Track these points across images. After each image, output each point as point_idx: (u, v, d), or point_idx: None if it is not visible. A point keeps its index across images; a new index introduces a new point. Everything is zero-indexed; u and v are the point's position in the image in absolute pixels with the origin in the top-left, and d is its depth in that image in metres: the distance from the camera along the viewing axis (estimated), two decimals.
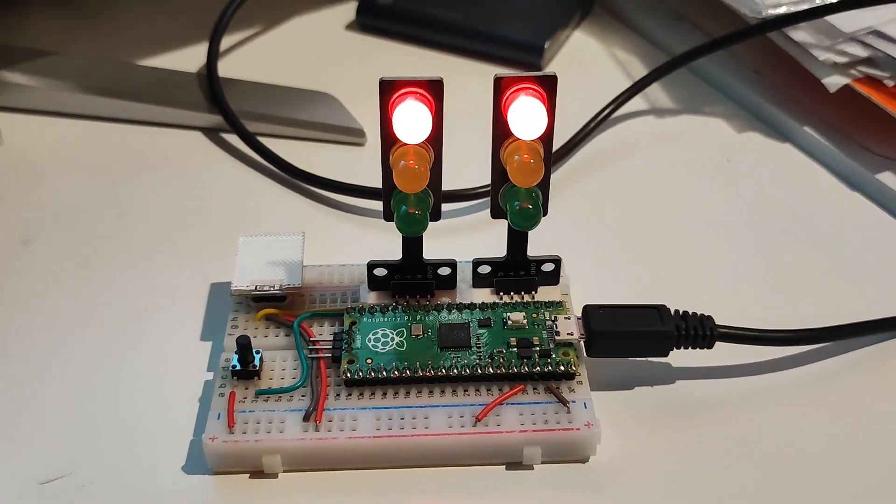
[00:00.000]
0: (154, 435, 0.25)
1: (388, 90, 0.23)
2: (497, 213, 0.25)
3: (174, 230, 0.31)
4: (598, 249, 0.30)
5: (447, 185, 0.25)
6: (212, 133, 0.35)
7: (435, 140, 0.24)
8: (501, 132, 0.24)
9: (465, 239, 0.30)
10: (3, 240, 0.30)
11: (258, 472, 0.24)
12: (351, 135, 0.34)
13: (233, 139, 0.34)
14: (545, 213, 0.25)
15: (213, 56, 0.36)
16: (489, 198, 0.30)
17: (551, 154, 0.24)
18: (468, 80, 0.31)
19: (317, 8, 0.41)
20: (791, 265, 0.30)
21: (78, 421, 0.25)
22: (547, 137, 0.24)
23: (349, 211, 0.32)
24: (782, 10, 0.33)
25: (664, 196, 0.32)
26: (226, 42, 0.38)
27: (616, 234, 0.31)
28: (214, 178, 0.33)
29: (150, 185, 0.32)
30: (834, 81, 0.33)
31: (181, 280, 0.29)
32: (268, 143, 0.34)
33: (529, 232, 0.26)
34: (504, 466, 0.24)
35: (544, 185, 0.24)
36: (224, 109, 0.34)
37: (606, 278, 0.29)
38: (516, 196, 0.24)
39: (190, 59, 0.38)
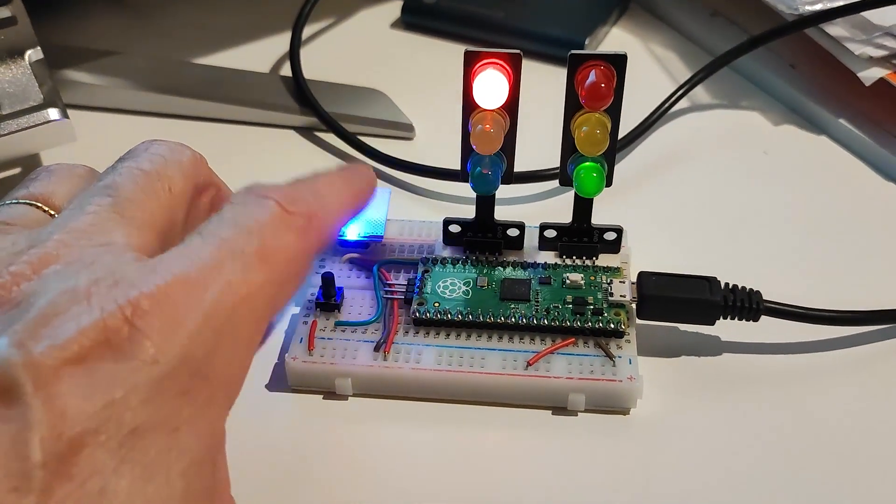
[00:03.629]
0: None
1: (471, 60, 0.25)
2: (564, 181, 0.27)
3: None
4: (658, 228, 0.32)
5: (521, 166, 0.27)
6: (277, 128, 0.36)
7: (510, 108, 0.26)
8: (573, 105, 0.26)
9: (533, 210, 0.33)
10: None
11: (330, 394, 0.27)
12: (401, 129, 0.36)
13: (290, 134, 0.36)
14: (609, 185, 0.27)
15: (296, 52, 0.38)
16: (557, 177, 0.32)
17: (618, 129, 0.26)
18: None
19: (363, 7, 0.43)
20: (830, 251, 0.31)
21: None
22: (614, 112, 0.26)
23: (424, 195, 0.33)
24: (818, 6, 0.34)
25: (710, 185, 0.34)
26: (275, 41, 0.41)
27: (671, 216, 0.32)
28: (291, 170, 0.34)
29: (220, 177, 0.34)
30: (870, 75, 0.33)
31: None
32: (324, 136, 0.36)
33: (594, 205, 0.28)
34: (550, 411, 0.26)
35: (610, 158, 0.26)
36: (313, 106, 0.36)
37: (665, 253, 0.30)
38: (581, 165, 0.26)
39: (248, 56, 0.40)
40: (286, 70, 0.39)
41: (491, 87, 0.25)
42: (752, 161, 0.35)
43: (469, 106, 0.26)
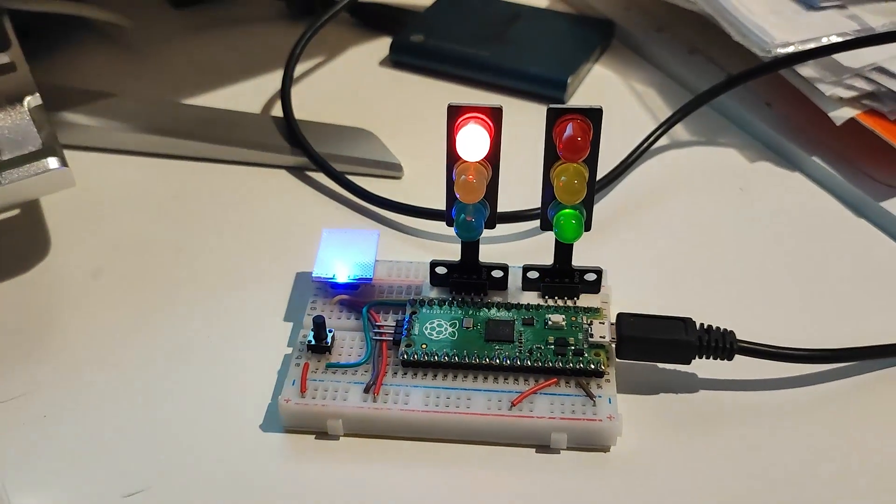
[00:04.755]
0: (238, 398, 0.29)
1: (454, 114, 0.27)
2: (545, 226, 0.29)
3: (248, 250, 0.34)
4: (637, 266, 0.33)
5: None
6: (268, 168, 0.37)
7: (493, 158, 0.27)
8: (552, 155, 0.27)
9: (518, 249, 0.34)
10: (75, 274, 0.33)
11: (322, 434, 0.28)
12: (389, 169, 0.37)
13: (281, 174, 0.37)
14: (588, 230, 0.28)
15: (287, 93, 0.39)
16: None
17: (595, 178, 0.27)
18: None
19: (351, 46, 0.44)
20: (803, 288, 0.32)
21: (173, 403, 0.29)
22: (591, 162, 0.27)
23: (413, 234, 0.34)
24: (790, 49, 0.35)
25: (687, 223, 0.35)
26: (265, 79, 0.42)
27: (650, 254, 0.33)
28: (282, 209, 0.36)
29: (213, 216, 0.35)
30: (840, 115, 0.35)
31: (264, 271, 0.33)
32: (314, 176, 0.37)
33: (575, 245, 0.29)
34: (534, 449, 0.27)
35: (588, 205, 0.28)
36: (304, 146, 0.37)
37: (643, 292, 0.31)
38: (560, 212, 0.27)
39: (239, 94, 0.41)
40: (277, 108, 0.41)
41: (473, 141, 0.26)
42: (729, 198, 0.36)
43: (452, 157, 0.27)
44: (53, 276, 0.33)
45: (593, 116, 0.26)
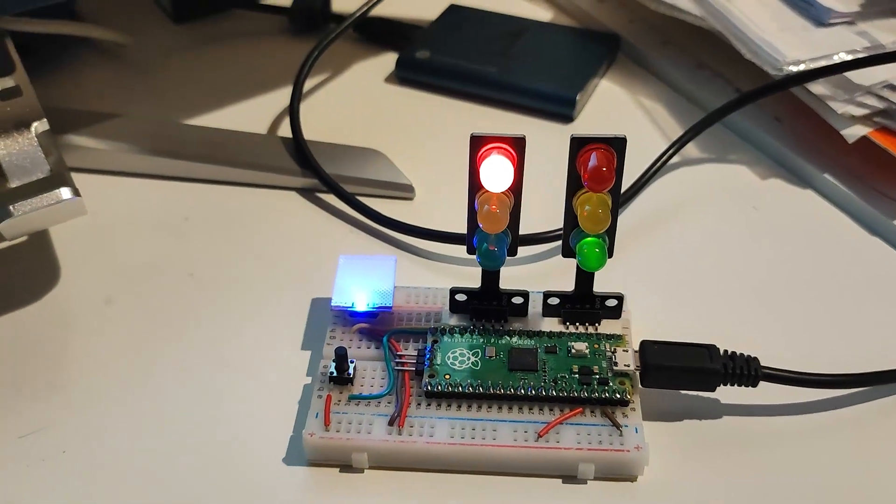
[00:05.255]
0: (259, 429, 0.28)
1: (477, 144, 0.26)
2: (568, 254, 0.28)
3: (259, 274, 0.34)
4: (654, 289, 0.33)
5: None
6: (278, 190, 0.37)
7: (516, 188, 0.27)
8: (575, 184, 0.27)
9: (532, 272, 0.34)
10: (87, 302, 0.32)
11: (347, 467, 0.27)
12: (401, 190, 0.36)
13: (291, 195, 0.37)
14: (610, 256, 0.28)
15: (295, 114, 0.38)
16: (558, 241, 0.33)
17: (618, 206, 0.27)
18: (502, 131, 0.33)
19: (356, 62, 0.44)
20: (820, 309, 0.32)
21: (190, 435, 0.28)
22: (615, 191, 0.27)
23: (428, 258, 0.34)
24: (801, 67, 0.35)
25: (703, 243, 0.35)
26: (271, 98, 0.41)
27: (667, 276, 0.33)
28: (294, 232, 0.35)
29: (224, 239, 0.35)
30: (852, 133, 0.35)
31: (279, 297, 0.33)
32: (325, 198, 0.37)
33: None
34: (560, 480, 0.27)
35: (611, 233, 0.28)
36: (314, 168, 0.36)
37: (662, 315, 0.31)
38: (584, 241, 0.27)
39: (245, 114, 0.40)
40: (283, 127, 0.40)
41: (497, 172, 0.26)
42: (743, 217, 0.36)
43: (475, 186, 0.27)
44: (65, 304, 0.33)
45: (617, 146, 0.26)
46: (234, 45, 0.45)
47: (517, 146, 0.26)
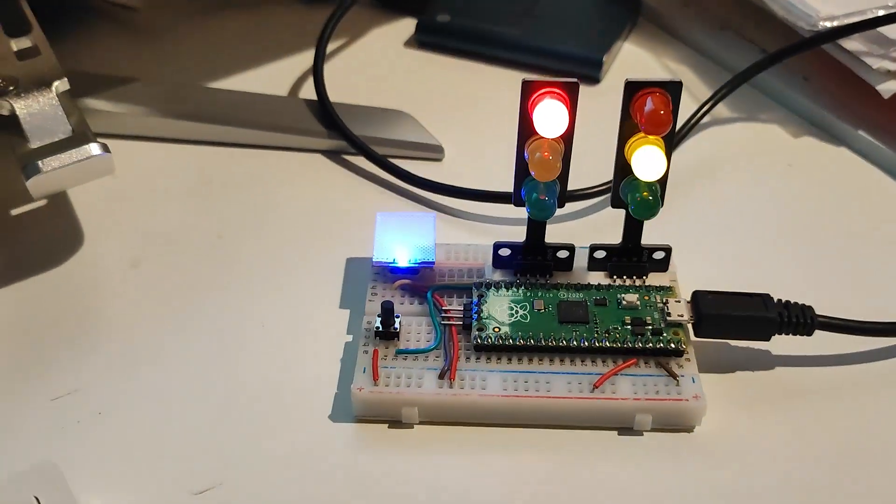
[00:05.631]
0: (302, 389, 0.28)
1: (529, 90, 0.26)
2: (617, 204, 0.28)
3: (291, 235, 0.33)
4: (695, 244, 0.32)
5: None
6: (303, 153, 0.36)
7: (567, 135, 0.26)
8: (628, 130, 0.26)
9: (576, 230, 0.33)
10: (114, 264, 0.31)
11: (395, 423, 0.27)
12: (430, 151, 0.36)
13: (317, 158, 0.36)
14: (662, 205, 0.27)
15: (319, 75, 0.37)
16: (592, 199, 0.33)
17: (671, 151, 0.27)
18: None
19: (374, 27, 0.43)
20: (862, 262, 0.32)
21: (231, 397, 0.28)
22: (668, 137, 0.26)
23: (461, 216, 0.34)
24: (835, 22, 0.35)
25: (741, 200, 0.34)
26: (288, 62, 0.40)
27: (707, 231, 0.33)
28: (322, 194, 0.34)
29: (250, 202, 0.34)
30: (888, 88, 0.34)
31: (312, 257, 0.32)
32: (352, 160, 0.36)
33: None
34: (616, 431, 0.26)
35: (664, 180, 0.27)
36: (341, 129, 0.36)
37: (705, 269, 0.31)
38: (638, 189, 0.27)
39: (263, 78, 0.39)
40: (305, 92, 0.39)
41: (552, 117, 0.25)
42: (779, 173, 0.36)
43: (526, 133, 0.26)
44: (91, 268, 0.32)
45: (673, 89, 0.25)
46: (244, 12, 0.44)
47: (570, 91, 0.26)
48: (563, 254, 0.29)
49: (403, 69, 0.41)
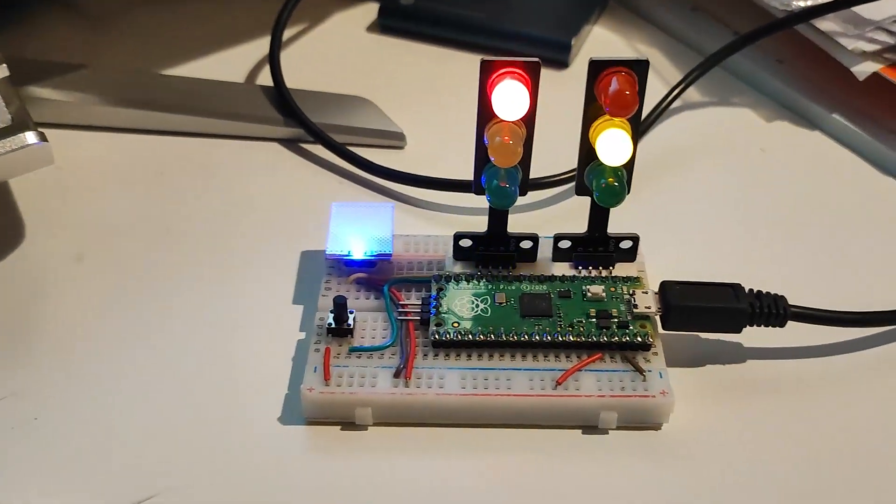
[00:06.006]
0: (251, 390, 0.26)
1: (488, 70, 0.24)
2: (582, 191, 0.27)
3: (239, 227, 0.31)
4: (664, 232, 0.31)
5: None
6: (259, 141, 0.35)
7: (529, 119, 0.25)
8: (592, 113, 0.25)
9: (540, 220, 0.32)
10: (56, 260, 0.30)
11: (349, 425, 0.25)
12: (392, 138, 0.34)
13: (272, 147, 0.34)
14: (628, 192, 0.26)
15: (276, 60, 0.36)
16: (557, 187, 0.31)
17: (638, 136, 0.25)
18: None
19: (336, 11, 0.41)
20: (836, 250, 0.31)
21: (176, 397, 0.26)
22: (634, 119, 0.25)
23: (422, 206, 0.32)
24: (810, 2, 0.34)
25: (712, 186, 0.33)
26: (245, 49, 0.39)
27: (676, 219, 0.32)
28: (278, 185, 0.33)
29: (202, 194, 0.32)
30: (863, 69, 0.33)
31: (264, 251, 0.30)
32: (310, 148, 0.34)
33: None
34: (580, 430, 0.25)
35: (630, 165, 0.26)
36: (298, 117, 0.34)
37: (675, 259, 0.30)
38: (603, 174, 0.25)
39: (218, 66, 0.38)
40: (262, 79, 0.38)
41: (511, 99, 0.24)
42: (751, 159, 0.35)
43: (485, 117, 0.25)
44: (32, 263, 0.30)
45: (639, 69, 0.24)
46: None
47: (531, 71, 0.24)
48: (526, 244, 0.28)
49: (365, 54, 0.40)
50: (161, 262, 0.30)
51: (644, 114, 0.34)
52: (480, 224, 0.28)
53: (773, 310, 0.26)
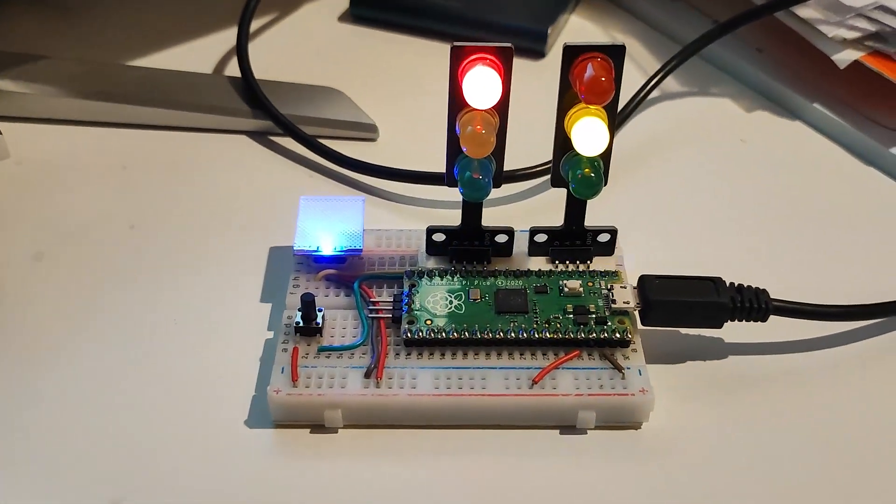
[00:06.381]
0: (217, 391, 0.25)
1: (459, 56, 0.23)
2: (558, 182, 0.26)
3: (204, 225, 0.30)
4: (643, 224, 0.30)
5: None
6: (227, 134, 0.34)
7: (502, 107, 0.24)
8: (568, 101, 0.24)
9: (516, 213, 0.31)
10: (14, 258, 0.29)
11: (318, 427, 0.24)
12: (364, 130, 0.33)
13: (241, 139, 0.33)
14: (605, 183, 0.25)
15: (244, 50, 0.35)
16: (535, 179, 0.30)
17: (615, 123, 0.24)
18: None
19: (307, 1, 0.40)
20: (818, 242, 0.30)
21: (140, 400, 0.25)
22: (611, 107, 0.24)
23: (395, 200, 0.31)
24: None
25: (691, 178, 0.32)
26: (214, 39, 0.38)
27: (655, 212, 0.31)
28: (246, 179, 0.32)
29: (168, 188, 0.31)
30: (844, 57, 0.33)
31: (232, 248, 0.29)
32: (279, 141, 0.33)
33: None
34: (558, 430, 0.24)
35: (607, 155, 0.25)
36: (267, 108, 0.33)
37: (654, 252, 0.29)
38: (579, 165, 0.24)
39: (186, 57, 0.37)
40: (230, 70, 0.37)
41: (483, 86, 0.23)
42: (731, 150, 0.34)
43: (457, 105, 0.24)
44: None
45: (615, 54, 0.23)
46: None
47: (504, 57, 0.23)
48: (501, 238, 0.27)
49: (337, 44, 0.39)
50: (124, 260, 0.29)
51: (622, 104, 0.33)
52: (455, 218, 0.27)
53: (754, 304, 0.25)
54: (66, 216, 0.31)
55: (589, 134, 0.24)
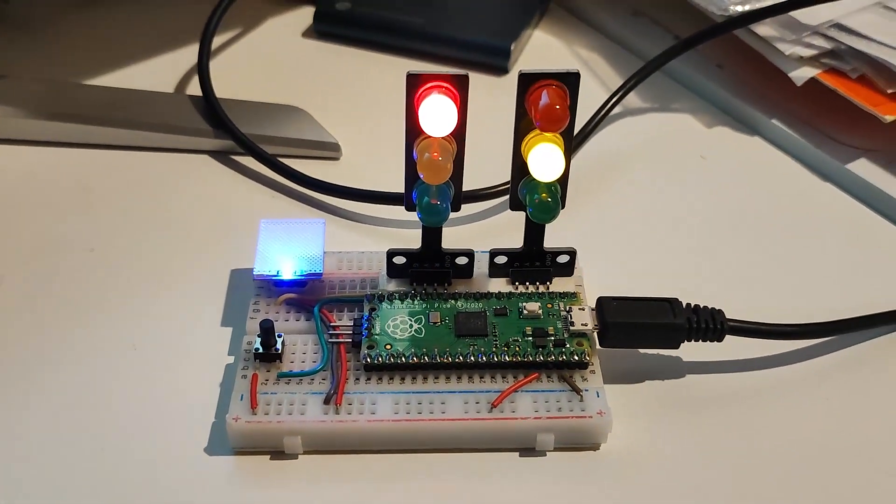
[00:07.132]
0: (176, 418, 0.25)
1: (415, 84, 0.23)
2: (516, 206, 0.26)
3: (165, 247, 0.30)
4: (603, 243, 0.30)
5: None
6: (188, 154, 0.34)
7: (458, 133, 0.24)
8: (524, 127, 0.24)
9: (478, 233, 0.31)
10: None
11: (278, 454, 0.24)
12: (326, 149, 0.33)
13: (202, 159, 0.33)
14: (563, 207, 0.25)
15: (205, 69, 0.35)
16: (497, 199, 0.31)
17: (571, 150, 0.25)
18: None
19: (270, 16, 0.40)
20: (775, 259, 0.30)
21: (97, 426, 0.25)
22: (567, 133, 0.24)
23: (358, 220, 0.31)
24: (747, 6, 0.34)
25: (652, 195, 0.33)
26: (175, 57, 0.37)
27: (615, 230, 0.31)
28: (207, 200, 0.32)
29: (128, 210, 0.31)
30: (800, 75, 0.33)
31: (193, 271, 0.29)
32: (241, 160, 0.33)
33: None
34: (518, 453, 0.24)
35: (563, 180, 0.25)
36: (228, 127, 0.33)
37: (614, 271, 0.29)
38: (536, 189, 0.25)
39: (146, 75, 0.36)
40: (192, 88, 0.37)
41: (438, 114, 0.23)
42: (691, 166, 0.34)
43: (413, 132, 0.24)
44: None
45: (570, 81, 0.24)
46: (130, 1, 0.41)
47: (459, 84, 0.23)
48: (462, 260, 0.27)
49: (300, 62, 0.39)
50: (84, 282, 0.29)
51: (584, 120, 0.34)
52: (419, 238, 0.27)
53: (710, 324, 0.25)
54: (24, 240, 0.30)
55: (545, 160, 0.24)
